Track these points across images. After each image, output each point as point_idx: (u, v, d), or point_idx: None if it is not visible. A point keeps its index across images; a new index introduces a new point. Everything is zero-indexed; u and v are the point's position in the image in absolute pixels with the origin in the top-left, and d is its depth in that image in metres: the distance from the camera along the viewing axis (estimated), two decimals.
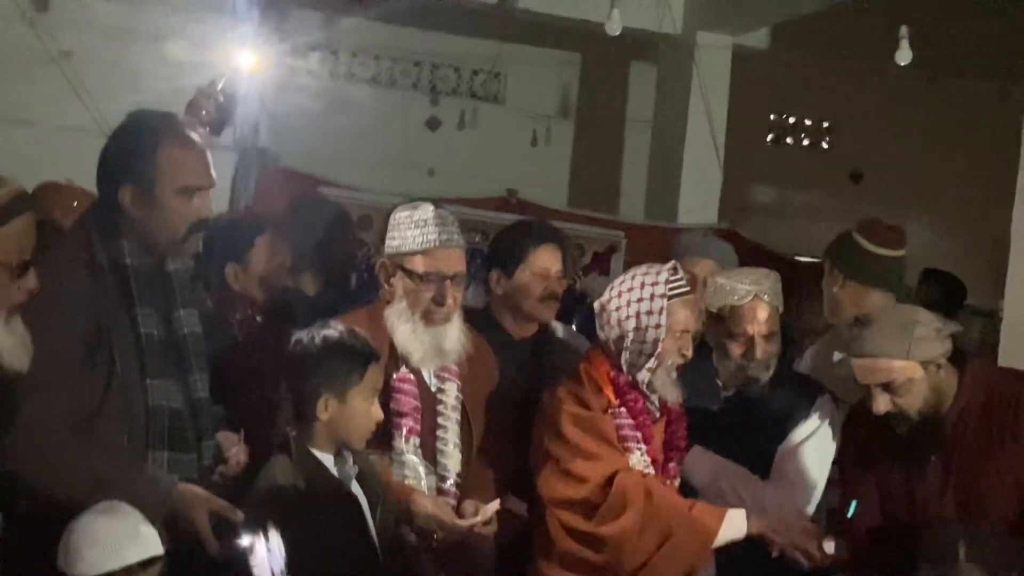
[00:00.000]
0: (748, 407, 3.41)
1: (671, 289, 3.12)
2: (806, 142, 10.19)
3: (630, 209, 8.95)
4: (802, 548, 3.05)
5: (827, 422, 3.39)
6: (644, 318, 3.10)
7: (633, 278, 3.16)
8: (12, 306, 2.45)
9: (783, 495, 3.29)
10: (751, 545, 3.18)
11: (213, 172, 2.87)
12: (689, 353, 3.15)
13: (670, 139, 8.40)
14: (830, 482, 3.43)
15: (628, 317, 3.11)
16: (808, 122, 10.16)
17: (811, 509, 3.33)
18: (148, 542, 2.49)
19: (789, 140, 10.17)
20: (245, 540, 2.63)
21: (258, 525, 2.62)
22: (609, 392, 3.14)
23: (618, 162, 9.51)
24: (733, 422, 3.41)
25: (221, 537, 2.64)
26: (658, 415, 3.19)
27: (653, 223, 7.82)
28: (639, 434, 3.11)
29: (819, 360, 3.86)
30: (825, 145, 10.20)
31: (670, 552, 3.02)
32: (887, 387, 2.92)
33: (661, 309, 3.08)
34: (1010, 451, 2.88)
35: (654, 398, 3.15)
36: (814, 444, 3.37)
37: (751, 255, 7.00)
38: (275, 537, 2.60)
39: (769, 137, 10.14)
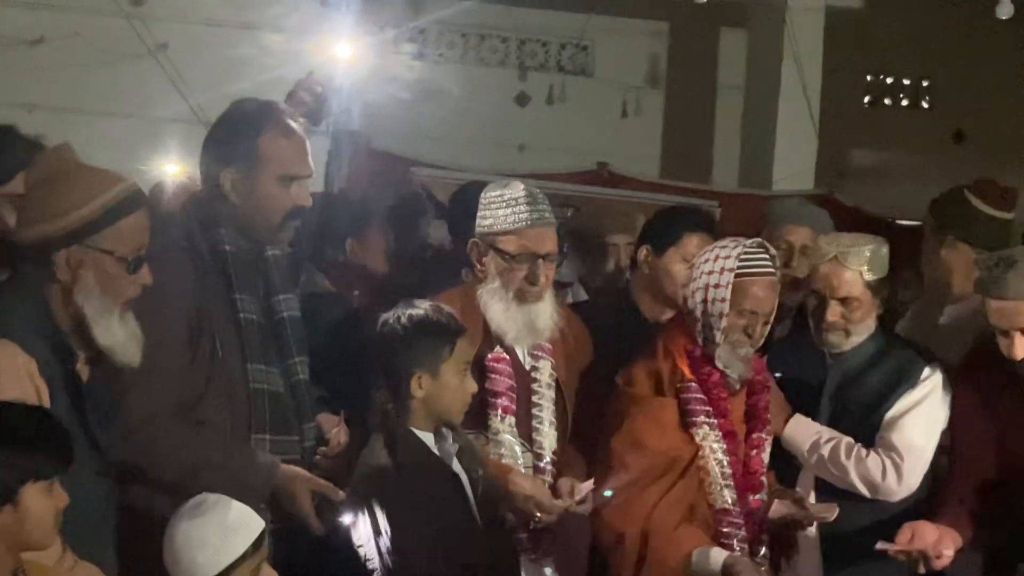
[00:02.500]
0: (852, 376, 3.34)
1: (744, 266, 3.08)
2: (905, 102, 9.95)
3: (724, 178, 8.86)
4: None
5: (936, 391, 3.31)
6: (712, 291, 3.09)
7: (712, 251, 3.16)
8: (126, 300, 2.51)
9: (888, 464, 3.23)
10: None
11: (311, 162, 2.91)
12: (756, 335, 3.10)
13: (763, 105, 8.30)
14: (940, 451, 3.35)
15: (698, 289, 3.13)
16: (907, 81, 9.92)
17: (918, 480, 3.25)
18: (251, 524, 2.52)
19: (887, 101, 9.95)
20: (348, 519, 2.68)
21: (362, 504, 2.67)
22: (684, 365, 3.13)
23: (710, 131, 9.41)
24: (836, 390, 3.35)
25: (325, 517, 2.68)
26: (737, 387, 3.17)
27: (748, 191, 7.72)
28: (710, 408, 3.10)
29: (919, 321, 3.79)
30: (925, 105, 9.94)
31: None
32: None
33: (728, 284, 3.06)
34: None
35: (731, 371, 3.12)
36: (921, 413, 3.29)
37: (849, 220, 6.88)
38: (380, 516, 2.64)
39: (866, 99, 9.92)
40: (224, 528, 2.47)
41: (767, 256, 3.14)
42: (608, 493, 3.04)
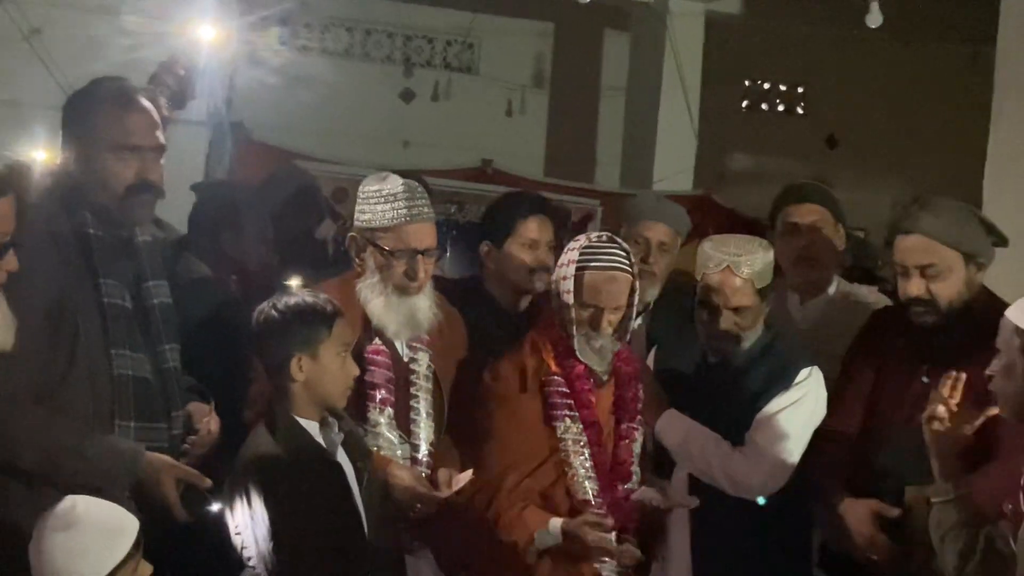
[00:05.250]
0: (731, 375, 3.37)
1: (585, 259, 3.13)
2: (781, 108, 10.21)
3: (605, 177, 8.98)
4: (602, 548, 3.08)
5: (811, 393, 3.32)
6: (560, 283, 3.16)
7: (569, 246, 3.21)
8: None
9: (751, 462, 3.26)
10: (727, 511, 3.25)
11: (160, 136, 2.87)
12: (602, 327, 3.14)
13: (644, 107, 8.42)
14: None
15: (552, 283, 3.22)
16: (783, 88, 10.18)
17: (780, 481, 3.28)
18: (128, 525, 2.48)
19: (764, 106, 10.19)
20: (225, 507, 2.65)
21: (242, 492, 2.63)
22: (549, 358, 3.18)
23: (593, 131, 9.53)
24: (715, 389, 3.39)
25: (192, 506, 2.66)
26: (605, 379, 3.22)
27: (628, 191, 7.83)
28: (572, 401, 3.15)
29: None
30: (800, 111, 10.22)
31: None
32: (924, 271, 3.05)
33: (570, 276, 3.13)
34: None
35: (589, 363, 3.18)
36: (792, 414, 3.29)
37: (725, 222, 7.06)
38: (259, 504, 2.61)
39: (744, 103, 10.15)
40: (103, 533, 2.43)
41: (612, 250, 3.17)
42: (467, 475, 3.06)
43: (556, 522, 3.06)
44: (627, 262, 3.19)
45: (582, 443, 3.14)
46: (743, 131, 9.84)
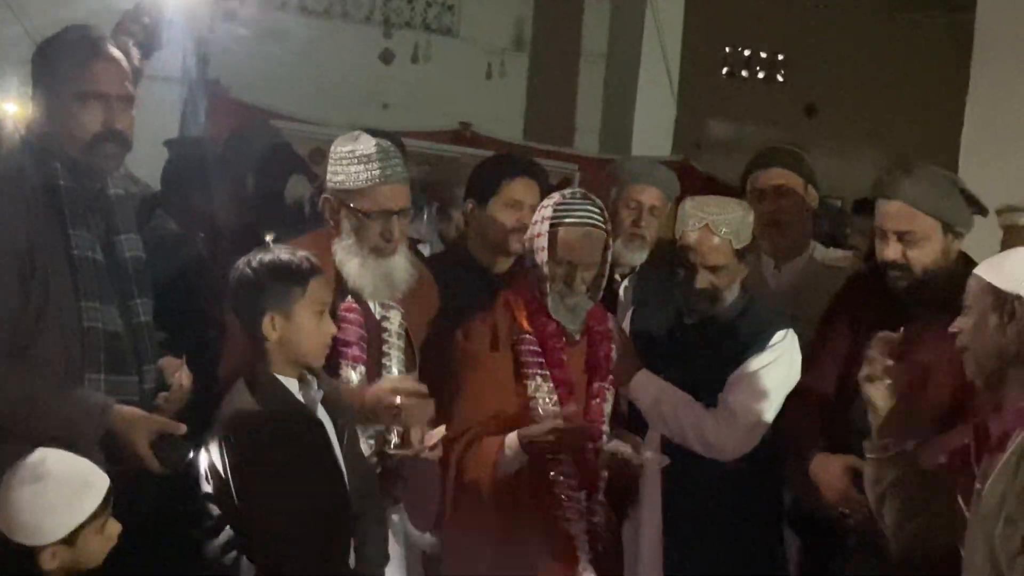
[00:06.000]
0: (707, 337, 3.37)
1: (558, 215, 3.14)
2: (761, 75, 10.20)
3: (584, 142, 8.96)
4: (579, 445, 3.09)
5: (784, 355, 3.33)
6: (535, 240, 3.17)
7: (543, 204, 3.21)
8: None
9: (723, 424, 3.28)
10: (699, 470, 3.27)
11: (128, 86, 2.84)
12: (575, 284, 3.15)
13: (624, 72, 8.40)
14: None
15: (526, 240, 3.21)
16: (763, 55, 10.17)
17: (751, 442, 3.30)
18: (97, 482, 2.47)
19: (744, 73, 10.18)
20: (202, 464, 2.65)
21: (219, 449, 2.62)
22: (522, 317, 3.18)
23: (572, 95, 9.50)
24: (690, 350, 3.39)
25: (165, 457, 2.65)
26: (577, 338, 3.23)
27: (607, 156, 7.83)
28: (543, 360, 3.16)
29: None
30: (780, 78, 10.21)
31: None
32: (902, 237, 3.09)
33: (544, 232, 3.13)
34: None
35: (562, 321, 3.19)
36: (765, 376, 3.31)
37: (703, 188, 7.06)
38: (235, 462, 2.59)
39: (724, 70, 10.14)
40: (71, 489, 2.42)
41: (586, 206, 3.17)
42: (440, 431, 3.06)
43: (512, 437, 3.06)
44: (601, 218, 3.19)
45: (552, 401, 3.15)
46: (723, 98, 9.84)
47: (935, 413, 3.03)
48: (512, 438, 3.07)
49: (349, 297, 3.13)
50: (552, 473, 3.11)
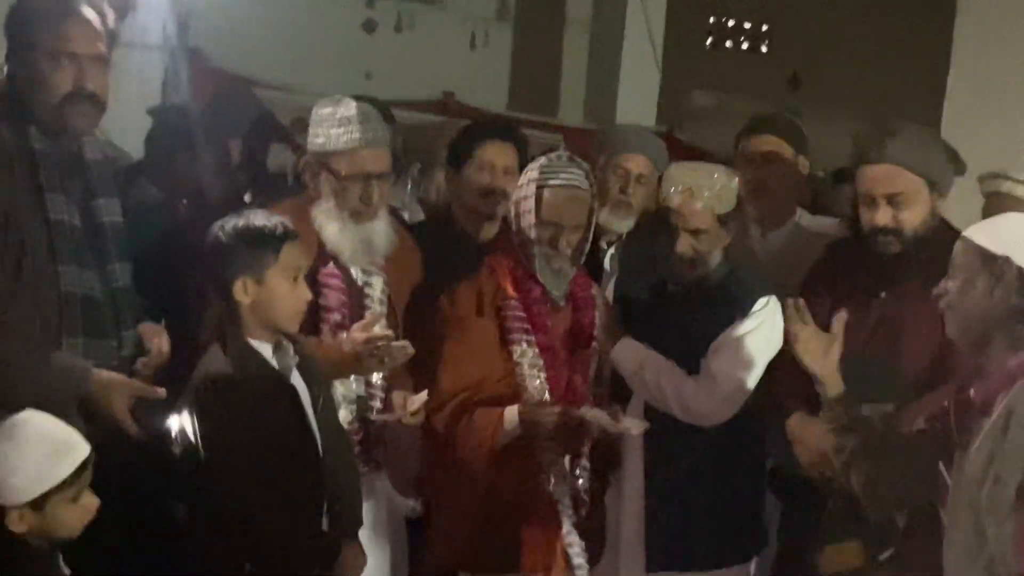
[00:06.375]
0: (690, 303, 3.36)
1: (544, 176, 3.13)
2: (745, 45, 10.18)
3: (569, 112, 8.94)
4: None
5: (767, 322, 3.31)
6: (522, 203, 3.16)
7: (529, 167, 3.21)
8: None
9: (705, 390, 3.28)
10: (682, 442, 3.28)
11: (101, 46, 2.81)
12: (561, 247, 3.14)
13: (608, 42, 8.37)
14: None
15: (512, 203, 3.20)
16: (747, 25, 10.15)
17: (732, 408, 3.30)
18: (75, 449, 2.44)
19: (728, 44, 10.16)
20: (174, 424, 2.64)
21: (192, 409, 2.61)
22: (507, 283, 3.18)
23: (557, 65, 9.46)
24: (673, 317, 3.39)
25: (143, 421, 2.64)
26: (561, 303, 3.23)
27: (591, 126, 7.82)
28: (528, 325, 3.16)
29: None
30: (764, 49, 10.20)
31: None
32: (892, 200, 3.09)
33: (531, 195, 3.12)
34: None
35: (548, 286, 3.18)
36: (747, 343, 3.30)
37: (688, 158, 7.03)
38: (209, 426, 2.59)
39: (708, 40, 10.11)
40: (41, 454, 2.39)
41: (572, 168, 3.17)
42: (423, 396, 3.07)
43: (511, 413, 3.07)
44: (587, 181, 3.19)
45: (538, 367, 3.16)
46: (707, 68, 9.82)
47: (913, 377, 3.04)
48: (512, 414, 3.07)
49: (331, 263, 3.12)
50: (535, 438, 3.11)
